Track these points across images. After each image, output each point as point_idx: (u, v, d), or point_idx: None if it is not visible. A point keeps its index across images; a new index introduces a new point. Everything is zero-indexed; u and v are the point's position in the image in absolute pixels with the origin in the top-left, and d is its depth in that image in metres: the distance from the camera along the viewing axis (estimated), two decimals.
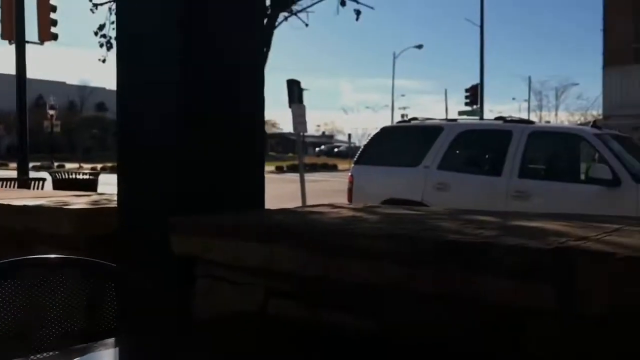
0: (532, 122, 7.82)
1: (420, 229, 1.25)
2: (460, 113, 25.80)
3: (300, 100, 11.14)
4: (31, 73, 14.21)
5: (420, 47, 41.10)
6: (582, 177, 6.31)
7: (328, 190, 18.27)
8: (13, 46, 13.47)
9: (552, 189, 6.29)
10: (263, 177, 1.91)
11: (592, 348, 0.96)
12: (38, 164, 34.60)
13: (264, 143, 1.96)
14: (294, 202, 11.70)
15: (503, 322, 1.05)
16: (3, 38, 13.94)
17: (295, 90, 10.77)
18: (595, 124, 8.31)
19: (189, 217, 1.57)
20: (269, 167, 32.85)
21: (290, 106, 10.70)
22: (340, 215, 1.58)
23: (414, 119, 8.66)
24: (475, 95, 25.53)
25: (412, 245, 1.12)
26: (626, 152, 6.42)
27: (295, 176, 11.51)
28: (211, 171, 1.72)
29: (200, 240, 1.52)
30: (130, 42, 1.80)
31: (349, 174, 8.20)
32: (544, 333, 1.00)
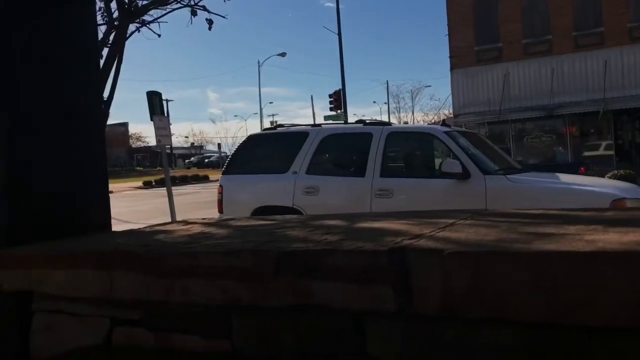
0: (389, 124, 8.21)
1: (266, 241, 1.23)
2: (326, 118, 26.56)
3: (162, 111, 10.77)
4: None
5: (283, 54, 41.66)
6: (437, 172, 6.73)
7: (199, 202, 17.85)
8: None
9: (411, 186, 6.64)
10: (108, 199, 1.79)
11: (431, 347, 1.00)
12: None
13: (107, 164, 1.84)
14: (163, 217, 11.26)
15: (347, 327, 1.06)
16: None
17: (156, 102, 10.38)
18: (444, 122, 8.89)
19: (16, 249, 1.43)
20: (136, 183, 31.40)
21: (152, 119, 10.30)
22: (189, 232, 1.52)
23: (280, 125, 8.72)
24: (338, 100, 26.36)
25: (254, 259, 1.09)
26: (473, 147, 6.95)
27: (164, 190, 11.09)
28: (47, 196, 1.58)
29: (32, 273, 1.39)
30: None
31: (219, 184, 8.05)
32: (386, 334, 1.02)
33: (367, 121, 7.92)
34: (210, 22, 5.12)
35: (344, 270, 1.02)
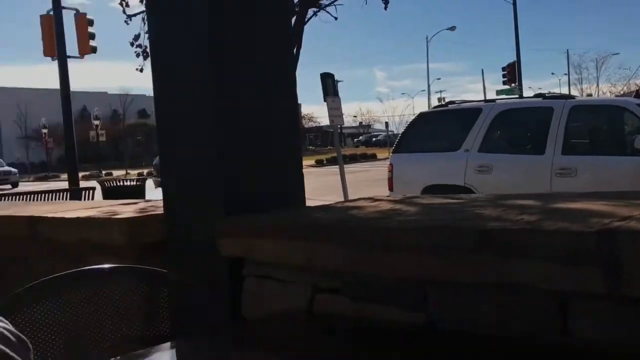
0: (573, 97, 7.62)
1: (459, 219, 1.26)
2: (499, 92, 25.31)
3: (335, 92, 11.13)
4: (74, 86, 14.76)
5: (452, 28, 40.49)
6: (628, 149, 6.11)
7: (369, 180, 18.23)
8: (56, 62, 13.99)
9: (598, 164, 6.12)
10: (302, 176, 1.93)
11: None
12: (87, 173, 35.91)
13: (301, 141, 1.99)
14: (335, 193, 11.74)
15: (550, 306, 1.04)
16: (45, 55, 14.46)
17: (329, 83, 10.77)
18: (638, 93, 8.01)
19: (234, 219, 1.61)
20: (309, 161, 33.06)
21: (325, 100, 10.71)
22: (378, 208, 1.59)
23: (451, 102, 8.55)
24: (512, 73, 24.99)
25: (451, 236, 1.12)
26: None
27: (335, 168, 11.54)
28: (254, 173, 1.76)
29: (244, 241, 1.56)
30: (163, 67, 1.84)
31: (389, 162, 8.16)
32: (594, 317, 1.00)
33: (546, 94, 7.43)
34: (386, 1, 5.18)
35: (547, 251, 1.01)
